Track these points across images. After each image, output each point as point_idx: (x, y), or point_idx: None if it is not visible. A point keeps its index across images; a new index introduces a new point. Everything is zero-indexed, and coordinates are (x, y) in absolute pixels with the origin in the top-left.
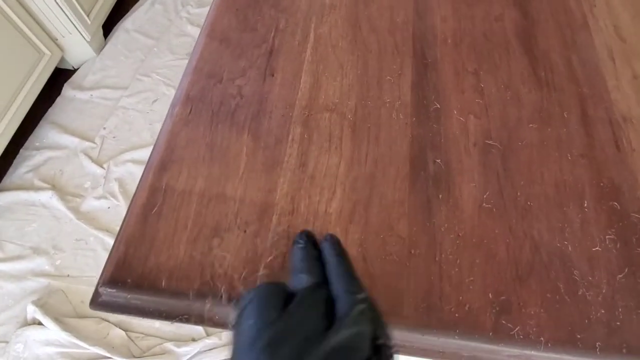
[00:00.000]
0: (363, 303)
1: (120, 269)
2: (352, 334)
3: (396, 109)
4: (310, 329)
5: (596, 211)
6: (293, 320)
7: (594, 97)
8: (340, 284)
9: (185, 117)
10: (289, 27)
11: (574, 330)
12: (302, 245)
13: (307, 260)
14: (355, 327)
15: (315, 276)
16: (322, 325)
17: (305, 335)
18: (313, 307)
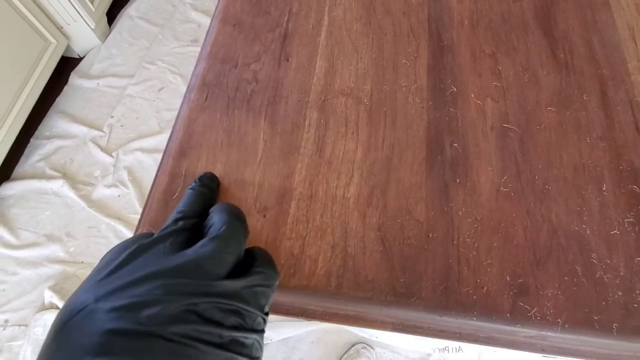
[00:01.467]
0: (228, 223)
1: None
2: (200, 258)
3: (412, 93)
4: (153, 254)
5: (615, 194)
6: (138, 248)
7: (615, 79)
8: (215, 212)
9: (202, 103)
10: (303, 10)
11: (591, 312)
12: (191, 187)
13: (185, 202)
14: (208, 251)
15: (184, 212)
16: (168, 251)
17: (144, 260)
18: (165, 236)
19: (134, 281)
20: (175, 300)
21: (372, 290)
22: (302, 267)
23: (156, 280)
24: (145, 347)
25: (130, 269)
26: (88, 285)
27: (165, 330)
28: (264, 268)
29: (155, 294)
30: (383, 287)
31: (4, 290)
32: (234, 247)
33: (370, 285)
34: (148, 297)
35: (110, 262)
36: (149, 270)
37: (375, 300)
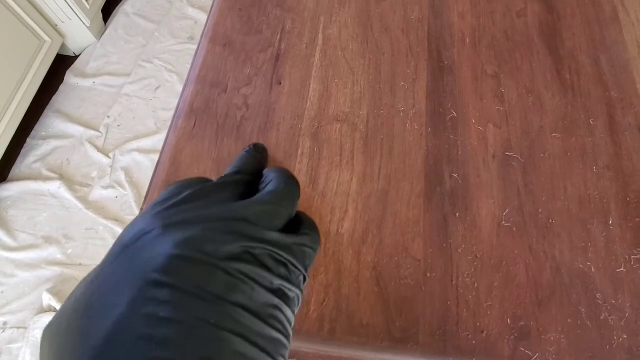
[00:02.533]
0: (286, 181)
1: None
2: (261, 209)
3: (410, 119)
4: (213, 197)
5: (622, 228)
6: (199, 191)
7: (623, 102)
8: (271, 172)
9: (190, 131)
10: (296, 28)
11: (595, 357)
12: (247, 150)
13: (240, 160)
14: (268, 204)
15: (239, 168)
16: (228, 198)
17: (205, 203)
18: (224, 184)
19: (198, 218)
20: (235, 241)
21: (367, 335)
22: None
23: (218, 222)
24: (207, 276)
25: (193, 206)
26: (153, 212)
27: (226, 264)
28: (310, 231)
29: (218, 232)
30: (378, 332)
31: (3, 292)
32: (289, 204)
33: (365, 330)
34: (211, 233)
35: (172, 197)
36: (212, 211)
37: (370, 346)
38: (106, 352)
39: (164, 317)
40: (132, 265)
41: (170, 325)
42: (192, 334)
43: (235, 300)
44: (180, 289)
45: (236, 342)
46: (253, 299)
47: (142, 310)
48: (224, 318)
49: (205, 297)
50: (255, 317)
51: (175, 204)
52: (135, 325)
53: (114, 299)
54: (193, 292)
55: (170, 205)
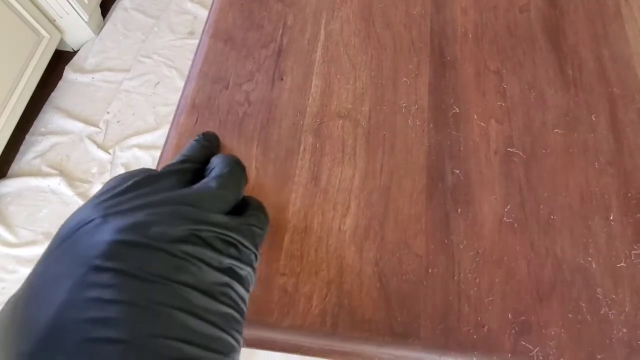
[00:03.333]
0: (230, 165)
1: None
2: (206, 193)
3: (412, 115)
4: (157, 185)
5: (622, 224)
6: (141, 180)
7: (625, 98)
8: (217, 159)
9: (191, 128)
10: (298, 23)
11: (595, 351)
12: (196, 139)
13: (189, 149)
14: (211, 187)
15: (186, 157)
16: (173, 186)
17: (148, 190)
18: (168, 172)
19: (142, 205)
20: (180, 224)
21: (369, 330)
22: (297, 306)
23: (163, 206)
24: (152, 258)
25: (137, 194)
26: (94, 203)
27: (171, 246)
28: (257, 212)
29: (163, 216)
30: (380, 326)
31: (4, 288)
32: (234, 188)
33: (367, 325)
34: (155, 218)
35: (116, 186)
36: (156, 197)
37: (372, 341)
38: (50, 338)
39: (109, 299)
40: (71, 255)
41: (115, 306)
42: (138, 313)
43: (182, 279)
44: (124, 271)
45: (185, 318)
46: (200, 278)
47: (84, 294)
48: (170, 297)
49: (150, 278)
50: (203, 294)
51: (117, 194)
52: (79, 310)
53: (54, 290)
54: (137, 274)
55: (113, 195)
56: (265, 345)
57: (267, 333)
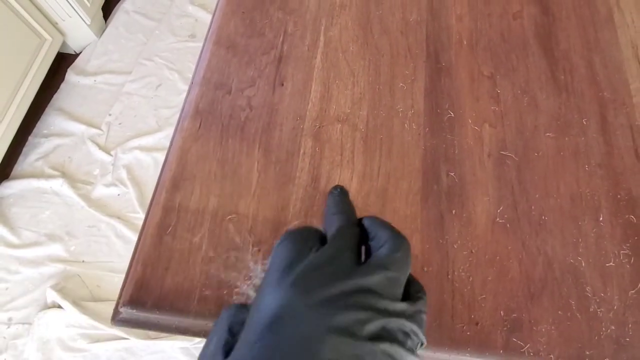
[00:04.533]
0: (402, 246)
1: (139, 290)
2: (385, 277)
3: (409, 119)
4: (342, 263)
5: (612, 225)
6: (324, 255)
7: (616, 102)
8: (380, 228)
9: (195, 132)
10: (298, 30)
11: (584, 347)
12: (337, 192)
13: (341, 203)
14: (389, 270)
15: (348, 217)
16: (354, 261)
17: (335, 270)
18: (346, 243)
19: (335, 296)
20: (373, 318)
21: None
22: None
23: (353, 296)
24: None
25: (323, 275)
26: (287, 283)
27: (373, 347)
28: (423, 294)
29: (357, 310)
30: None
31: (7, 289)
32: (406, 270)
33: None
34: (353, 315)
35: (296, 261)
36: (344, 285)
37: None
38: None
39: None
40: (289, 348)
41: None
42: None
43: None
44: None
45: None
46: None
47: None
48: None
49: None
50: None
51: (304, 274)
52: None
53: None
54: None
55: (301, 275)
56: None
57: None
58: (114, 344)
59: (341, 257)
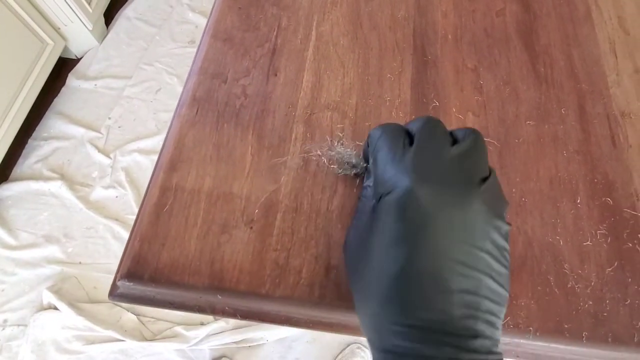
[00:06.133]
0: (476, 132)
1: (137, 264)
2: (475, 148)
3: (396, 107)
4: (440, 143)
5: (589, 207)
6: (425, 141)
7: (593, 93)
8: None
9: (192, 118)
10: (291, 25)
11: (562, 321)
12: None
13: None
14: (477, 146)
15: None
16: (448, 141)
17: (436, 147)
18: (438, 129)
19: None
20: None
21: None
22: (287, 278)
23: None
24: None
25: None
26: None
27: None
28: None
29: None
30: None
31: (3, 290)
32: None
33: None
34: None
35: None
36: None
37: None
38: None
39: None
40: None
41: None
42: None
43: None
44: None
45: (489, 282)
46: (498, 248)
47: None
48: (483, 265)
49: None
50: (497, 261)
51: (416, 158)
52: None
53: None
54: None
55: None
56: (258, 317)
57: (260, 304)
58: (110, 346)
59: (436, 139)
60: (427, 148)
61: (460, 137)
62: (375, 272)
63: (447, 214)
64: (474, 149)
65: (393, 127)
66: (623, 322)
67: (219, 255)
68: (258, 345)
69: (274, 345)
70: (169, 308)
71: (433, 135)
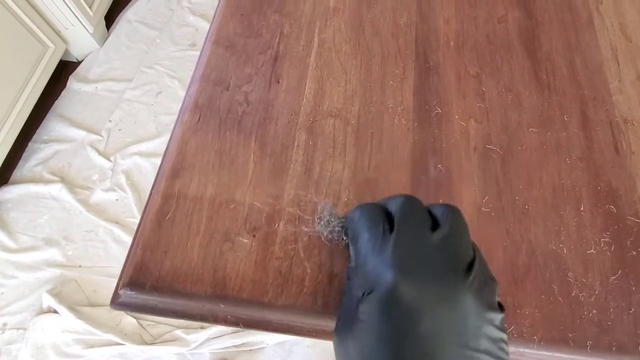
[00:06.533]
0: (455, 210)
1: (139, 272)
2: (456, 230)
3: (398, 115)
4: (420, 228)
5: (592, 214)
6: (404, 226)
7: (596, 100)
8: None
9: (194, 125)
10: (293, 32)
11: (566, 330)
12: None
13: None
14: (458, 226)
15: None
16: (428, 225)
17: (417, 234)
18: (417, 211)
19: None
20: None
21: None
22: (290, 286)
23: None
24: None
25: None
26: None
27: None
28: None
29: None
30: None
31: (3, 293)
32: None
33: None
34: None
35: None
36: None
37: None
38: None
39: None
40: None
41: None
42: None
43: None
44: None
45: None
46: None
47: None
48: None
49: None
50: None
51: (397, 249)
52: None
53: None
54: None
55: (394, 253)
56: (260, 326)
57: (262, 313)
58: (109, 350)
59: (416, 224)
60: (408, 235)
61: (439, 215)
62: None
63: (435, 313)
64: (455, 231)
65: (372, 209)
66: (627, 331)
67: (221, 263)
68: (258, 349)
69: (274, 349)
70: (172, 317)
71: (412, 218)
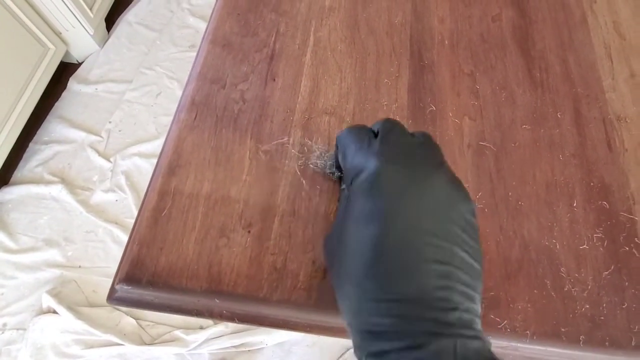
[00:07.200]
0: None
1: (135, 267)
2: (431, 139)
3: (393, 112)
4: (402, 135)
5: (585, 210)
6: (389, 134)
7: (589, 97)
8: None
9: (191, 123)
10: (289, 30)
11: (559, 324)
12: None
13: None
14: (432, 140)
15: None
16: (409, 134)
17: (400, 138)
18: (399, 126)
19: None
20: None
21: None
22: (285, 281)
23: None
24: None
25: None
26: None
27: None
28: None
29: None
30: None
31: (3, 294)
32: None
33: None
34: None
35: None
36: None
37: None
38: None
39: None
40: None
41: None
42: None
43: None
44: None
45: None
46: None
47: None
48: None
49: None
50: (471, 238)
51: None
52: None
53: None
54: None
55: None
56: (255, 321)
57: (257, 308)
58: (109, 350)
59: (397, 132)
60: (391, 138)
61: (417, 135)
62: (351, 253)
63: (416, 189)
64: (431, 141)
65: (358, 127)
66: (620, 326)
67: (217, 259)
68: (257, 349)
69: (273, 349)
70: (167, 312)
71: (395, 130)
